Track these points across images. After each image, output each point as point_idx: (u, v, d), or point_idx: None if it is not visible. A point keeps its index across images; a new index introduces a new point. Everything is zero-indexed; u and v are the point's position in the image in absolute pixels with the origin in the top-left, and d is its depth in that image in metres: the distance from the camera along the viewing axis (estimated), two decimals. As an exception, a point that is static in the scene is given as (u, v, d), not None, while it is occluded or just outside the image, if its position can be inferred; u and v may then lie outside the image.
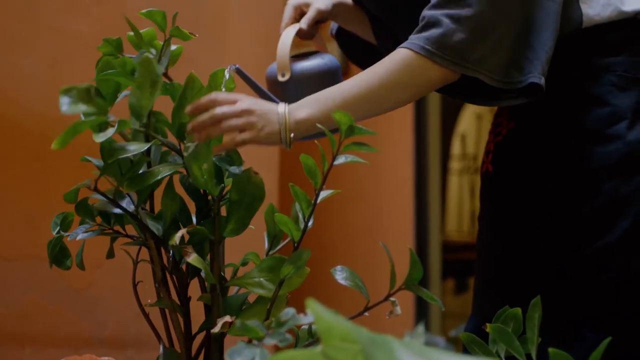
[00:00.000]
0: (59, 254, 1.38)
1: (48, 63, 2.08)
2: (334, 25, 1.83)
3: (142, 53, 1.34)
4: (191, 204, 1.38)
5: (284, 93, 1.56)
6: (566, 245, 1.48)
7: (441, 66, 1.42)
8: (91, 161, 1.32)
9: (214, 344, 1.31)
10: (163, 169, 1.30)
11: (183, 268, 1.36)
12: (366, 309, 1.25)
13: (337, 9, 1.73)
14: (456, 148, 5.99)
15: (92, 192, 1.31)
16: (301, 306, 0.91)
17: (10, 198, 2.04)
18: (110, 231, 1.38)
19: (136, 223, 1.34)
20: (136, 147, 1.27)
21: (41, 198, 2.04)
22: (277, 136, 1.40)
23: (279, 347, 2.60)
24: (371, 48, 1.82)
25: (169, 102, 1.39)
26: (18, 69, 2.04)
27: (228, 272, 1.38)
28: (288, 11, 1.70)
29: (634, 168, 1.46)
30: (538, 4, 1.43)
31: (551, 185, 1.50)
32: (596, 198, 1.46)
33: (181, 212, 1.36)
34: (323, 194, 1.29)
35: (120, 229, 1.38)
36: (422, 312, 3.42)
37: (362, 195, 3.46)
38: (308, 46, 1.74)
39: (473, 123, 5.89)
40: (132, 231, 1.39)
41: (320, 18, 1.70)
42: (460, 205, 5.89)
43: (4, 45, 2.04)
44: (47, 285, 2.05)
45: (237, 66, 1.51)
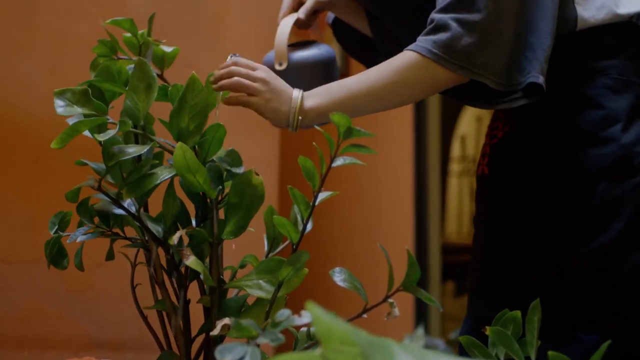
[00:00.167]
0: (57, 254, 1.38)
1: (48, 66, 2.07)
2: (331, 14, 1.85)
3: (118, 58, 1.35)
4: (191, 206, 1.38)
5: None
6: (561, 247, 1.48)
7: (448, 69, 1.43)
8: (88, 164, 1.32)
9: (214, 347, 1.31)
10: (162, 173, 1.29)
11: (182, 270, 1.36)
12: (365, 311, 1.25)
13: (335, 0, 1.76)
14: (456, 150, 5.99)
15: (93, 193, 1.31)
16: (300, 307, 0.91)
17: (9, 201, 2.04)
18: (109, 233, 1.38)
19: (137, 225, 1.34)
20: (135, 150, 1.27)
21: (41, 201, 2.04)
22: (281, 115, 1.46)
23: (277, 349, 2.60)
24: (366, 39, 1.84)
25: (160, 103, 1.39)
26: (18, 72, 2.04)
27: (227, 275, 1.38)
28: (287, 1, 1.73)
29: (628, 170, 1.46)
30: (534, 6, 1.44)
31: (546, 187, 1.50)
32: (590, 200, 1.46)
33: (181, 214, 1.36)
34: (322, 196, 1.29)
35: (119, 231, 1.38)
36: (422, 315, 3.41)
37: (362, 197, 3.46)
38: (305, 35, 1.76)
39: (473, 125, 5.90)
40: (131, 233, 1.39)
41: (318, 8, 1.73)
42: (460, 207, 5.89)
43: (4, 48, 2.03)
44: (47, 288, 2.05)
45: (238, 55, 1.55)
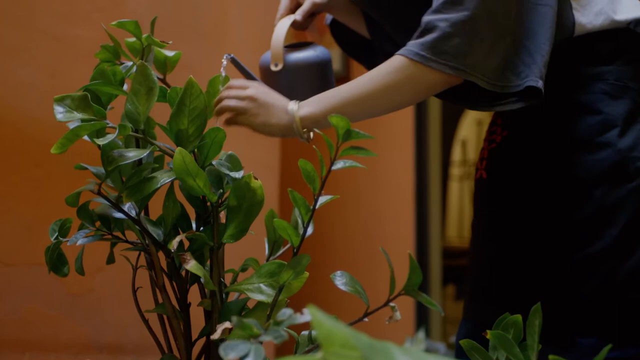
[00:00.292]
0: (57, 261, 1.38)
1: (48, 69, 2.08)
2: (329, 15, 1.86)
3: (127, 65, 1.35)
4: (191, 210, 1.38)
5: (277, 82, 1.61)
6: (558, 251, 1.49)
7: (437, 71, 1.42)
8: (88, 168, 1.32)
9: (214, 350, 1.31)
10: (162, 176, 1.29)
11: (183, 274, 1.35)
12: (366, 315, 1.24)
13: (333, 2, 1.77)
14: (457, 154, 5.99)
15: (93, 196, 1.31)
16: (301, 311, 0.91)
17: (10, 204, 2.04)
18: (109, 236, 1.38)
19: (137, 228, 1.34)
20: (135, 154, 1.27)
21: (41, 204, 2.04)
22: (272, 128, 1.50)
23: (278, 353, 2.59)
24: (364, 40, 1.85)
25: (161, 106, 1.38)
26: (17, 75, 2.04)
27: (228, 278, 1.38)
28: (284, 2, 1.74)
29: (625, 175, 1.46)
30: (533, 9, 1.43)
31: (543, 192, 1.51)
32: (587, 205, 1.47)
33: (181, 218, 1.36)
34: (322, 200, 1.29)
35: (120, 235, 1.38)
36: (423, 318, 3.41)
37: (363, 200, 3.46)
38: (302, 37, 1.77)
39: (474, 129, 5.89)
40: (132, 237, 1.39)
41: (315, 10, 1.73)
42: (460, 211, 5.89)
43: (3, 51, 2.03)
44: (47, 291, 2.05)
45: (232, 55, 1.58)
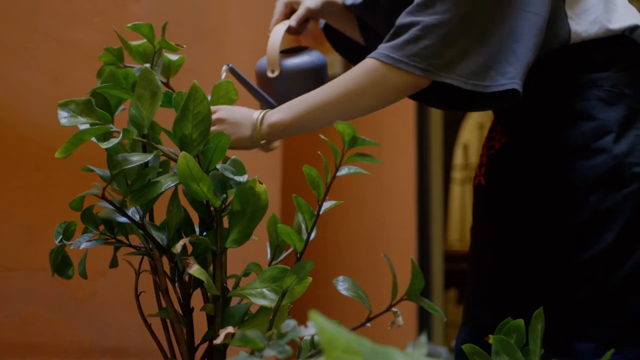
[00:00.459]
0: (61, 263, 1.38)
1: (49, 73, 2.08)
2: (322, 20, 1.87)
3: (140, 67, 1.35)
4: (195, 215, 1.38)
5: (273, 88, 1.62)
6: (555, 257, 1.49)
7: (407, 72, 1.43)
8: (94, 170, 1.32)
9: (217, 355, 1.31)
10: (166, 181, 1.29)
11: (186, 278, 1.36)
12: (368, 320, 1.25)
13: (326, 8, 1.79)
14: (458, 158, 6.00)
15: (97, 201, 1.31)
16: (303, 316, 0.91)
17: (11, 208, 2.04)
18: (113, 240, 1.38)
19: (141, 233, 1.34)
20: (139, 158, 1.27)
21: (42, 208, 2.04)
22: (245, 141, 1.48)
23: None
24: (358, 44, 1.86)
25: (166, 111, 1.39)
26: (19, 78, 2.04)
27: (230, 283, 1.38)
28: (279, 7, 1.76)
29: (620, 181, 1.47)
30: (520, 16, 1.43)
31: (540, 198, 1.51)
32: (583, 211, 1.47)
33: (184, 223, 1.36)
34: (326, 205, 1.29)
35: (123, 239, 1.38)
36: (425, 322, 3.41)
37: (364, 205, 3.46)
38: (297, 41, 1.78)
39: (475, 133, 5.90)
40: (135, 241, 1.39)
41: (309, 16, 1.74)
42: (462, 215, 5.89)
43: (5, 54, 2.04)
44: (49, 295, 2.05)
45: (231, 65, 1.58)
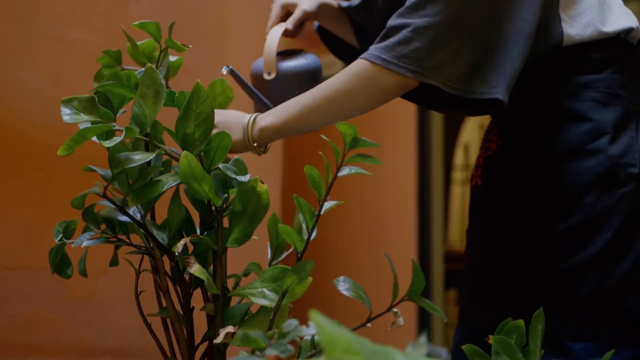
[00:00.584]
0: (60, 263, 1.38)
1: (49, 73, 2.08)
2: (316, 22, 1.89)
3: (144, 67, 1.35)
4: (196, 214, 1.38)
5: (269, 90, 1.64)
6: (551, 258, 1.50)
7: (397, 73, 1.43)
8: (96, 170, 1.32)
9: (217, 354, 1.31)
10: (168, 180, 1.29)
11: (186, 278, 1.36)
12: (369, 320, 1.25)
13: (322, 11, 1.81)
14: (459, 158, 6.00)
15: (98, 199, 1.31)
16: (304, 316, 0.91)
17: (12, 207, 2.04)
18: (114, 239, 1.38)
19: (142, 232, 1.34)
20: (141, 157, 1.27)
21: (43, 207, 2.04)
22: (239, 145, 1.48)
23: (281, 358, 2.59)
24: (350, 45, 1.89)
25: (168, 110, 1.39)
26: (19, 78, 2.04)
27: (231, 283, 1.38)
28: (275, 10, 1.77)
29: (615, 182, 1.48)
30: (508, 22, 1.44)
31: (536, 199, 1.52)
32: (579, 212, 1.48)
33: (185, 222, 1.36)
34: (327, 205, 1.29)
35: (124, 238, 1.38)
36: (425, 323, 3.41)
37: (365, 205, 3.46)
38: (290, 43, 1.80)
39: (476, 133, 5.89)
40: (136, 240, 1.39)
41: (305, 19, 1.75)
42: (463, 215, 5.89)
43: (5, 54, 2.04)
44: (49, 294, 2.05)
45: (231, 67, 1.59)
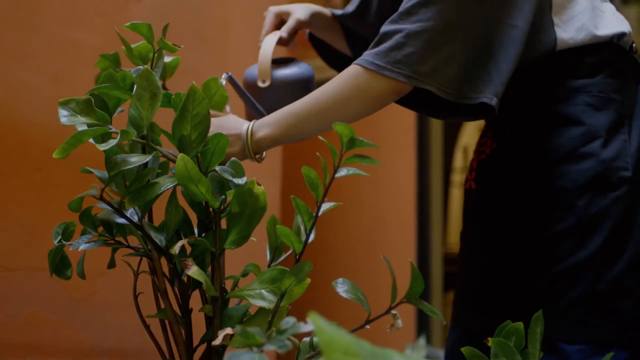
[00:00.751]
0: (60, 264, 1.38)
1: (49, 74, 2.08)
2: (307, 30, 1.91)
3: (139, 68, 1.35)
4: (193, 216, 1.38)
5: (262, 97, 1.65)
6: (544, 261, 1.50)
7: (391, 79, 1.44)
8: (92, 172, 1.32)
9: (215, 356, 1.31)
10: (165, 182, 1.29)
11: (184, 279, 1.35)
12: (367, 322, 1.25)
13: (315, 19, 1.83)
14: (458, 161, 5.99)
15: (96, 202, 1.31)
16: (302, 318, 0.91)
17: (11, 208, 2.04)
18: (112, 242, 1.38)
19: (140, 234, 1.34)
20: (138, 159, 1.27)
21: (43, 208, 2.04)
22: (240, 156, 1.49)
23: (280, 357, 2.58)
24: (342, 53, 1.91)
25: (166, 112, 1.39)
26: (20, 79, 2.04)
27: (229, 284, 1.38)
28: (269, 18, 1.78)
29: (608, 185, 1.49)
30: (500, 27, 1.45)
31: (530, 203, 1.52)
32: (572, 215, 1.49)
33: (183, 224, 1.36)
34: (325, 207, 1.29)
35: (122, 240, 1.38)
36: (424, 325, 3.41)
37: (364, 207, 3.46)
38: (282, 52, 1.81)
39: (475, 136, 5.88)
40: (134, 242, 1.39)
41: (299, 27, 1.76)
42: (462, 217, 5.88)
43: (6, 55, 2.04)
44: (49, 295, 2.05)
45: (230, 74, 1.60)
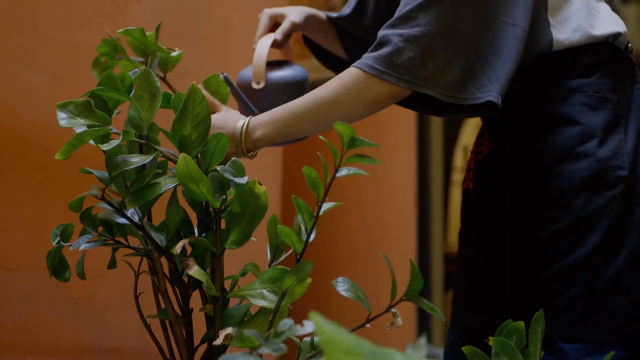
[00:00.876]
0: (58, 265, 1.38)
1: (50, 74, 2.08)
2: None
3: (137, 71, 1.36)
4: (194, 216, 1.38)
5: (256, 99, 1.65)
6: (541, 260, 1.51)
7: (391, 83, 1.45)
8: (92, 172, 1.32)
9: (216, 356, 1.31)
10: (166, 182, 1.29)
11: (185, 279, 1.35)
12: (368, 321, 1.25)
13: (309, 22, 1.83)
14: (458, 160, 5.99)
15: (96, 202, 1.31)
16: (303, 317, 0.91)
17: (12, 208, 2.04)
18: (112, 242, 1.38)
19: (140, 234, 1.34)
20: (139, 160, 1.27)
21: (43, 208, 2.04)
22: (232, 155, 1.48)
23: (280, 359, 2.58)
24: (336, 56, 1.92)
25: (165, 110, 1.39)
26: (20, 79, 2.04)
27: (228, 284, 1.38)
28: (264, 20, 1.79)
29: (604, 184, 1.49)
30: (500, 27, 1.45)
31: (527, 203, 1.53)
32: (569, 214, 1.50)
33: (184, 224, 1.36)
34: (325, 206, 1.29)
35: (122, 240, 1.38)
36: (424, 324, 3.41)
37: (365, 206, 3.46)
38: (276, 55, 1.82)
39: (476, 135, 5.89)
40: (134, 242, 1.39)
41: (293, 30, 1.77)
42: (462, 216, 5.87)
43: (6, 55, 2.04)
44: (49, 295, 2.05)
45: (225, 75, 1.59)
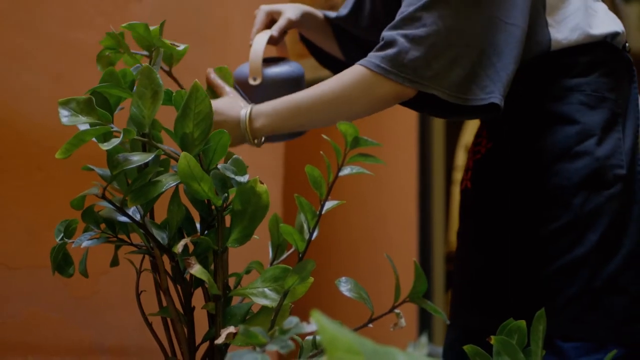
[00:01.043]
0: (62, 261, 1.38)
1: (50, 74, 2.08)
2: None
3: (138, 66, 1.35)
4: (196, 214, 1.38)
5: (252, 95, 1.65)
6: (540, 259, 1.51)
7: (397, 83, 1.45)
8: (94, 170, 1.32)
9: (218, 354, 1.31)
10: (167, 180, 1.29)
11: (187, 277, 1.35)
12: (370, 321, 1.24)
13: (305, 20, 1.84)
14: (460, 159, 5.99)
15: (97, 200, 1.30)
16: (305, 316, 0.90)
17: (13, 207, 2.04)
18: (114, 239, 1.38)
19: (142, 232, 1.34)
20: (140, 158, 1.26)
21: (44, 207, 2.04)
22: (238, 142, 1.51)
23: (282, 358, 2.58)
24: (331, 55, 1.93)
25: (166, 108, 1.39)
26: (21, 79, 2.04)
27: (232, 282, 1.38)
28: (260, 17, 1.79)
29: (603, 183, 1.50)
30: (501, 28, 1.46)
31: (525, 202, 1.53)
32: (567, 213, 1.50)
33: (186, 222, 1.36)
34: (328, 205, 1.29)
35: (125, 238, 1.38)
36: (426, 323, 3.41)
37: (366, 205, 3.46)
38: (272, 51, 1.83)
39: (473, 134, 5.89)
40: (137, 240, 1.39)
41: (290, 27, 1.77)
42: (464, 216, 5.87)
43: (7, 55, 2.04)
44: (50, 294, 2.05)
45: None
